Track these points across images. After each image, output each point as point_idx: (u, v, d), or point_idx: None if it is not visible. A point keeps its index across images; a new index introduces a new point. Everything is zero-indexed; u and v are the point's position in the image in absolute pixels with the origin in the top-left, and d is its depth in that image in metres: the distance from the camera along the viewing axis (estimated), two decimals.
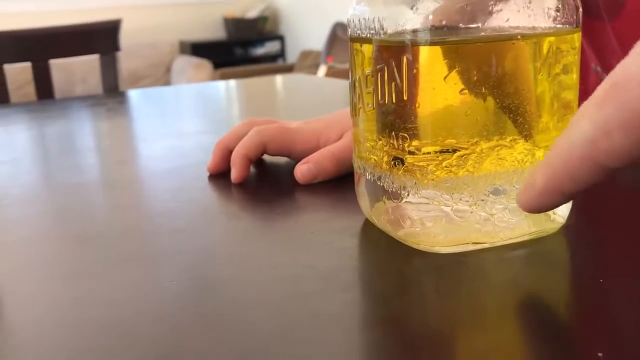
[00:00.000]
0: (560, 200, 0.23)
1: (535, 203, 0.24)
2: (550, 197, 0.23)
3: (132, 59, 3.46)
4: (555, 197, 0.23)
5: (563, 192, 0.22)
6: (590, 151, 0.20)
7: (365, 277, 0.31)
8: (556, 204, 0.24)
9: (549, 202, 0.23)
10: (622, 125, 0.19)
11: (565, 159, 0.21)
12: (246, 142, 0.46)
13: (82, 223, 0.40)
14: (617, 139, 0.19)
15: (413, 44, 0.28)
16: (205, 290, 0.29)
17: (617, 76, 0.19)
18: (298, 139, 0.47)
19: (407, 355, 0.23)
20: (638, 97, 0.18)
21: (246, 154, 0.46)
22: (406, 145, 0.30)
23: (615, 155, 0.20)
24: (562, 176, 0.22)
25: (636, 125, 0.19)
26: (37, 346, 0.25)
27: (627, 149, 0.19)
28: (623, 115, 0.19)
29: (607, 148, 0.20)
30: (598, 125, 0.20)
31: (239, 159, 0.46)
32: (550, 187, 0.23)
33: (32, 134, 0.75)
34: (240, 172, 0.45)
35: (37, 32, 1.18)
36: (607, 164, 0.20)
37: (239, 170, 0.45)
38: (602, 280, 0.28)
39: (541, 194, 0.23)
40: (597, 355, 0.22)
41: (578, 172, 0.21)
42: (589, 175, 0.21)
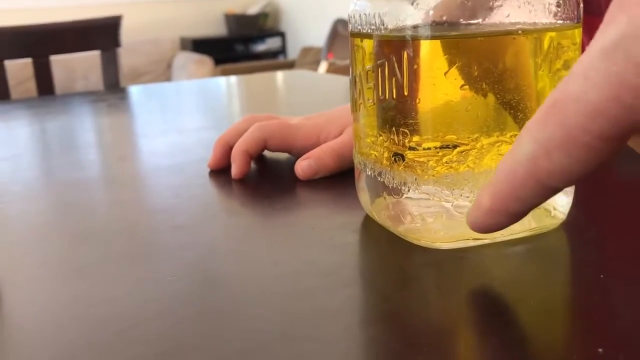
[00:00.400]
0: (507, 220, 0.23)
1: (482, 223, 0.23)
2: (497, 217, 0.22)
3: (133, 55, 3.46)
4: (502, 217, 0.22)
5: (509, 212, 0.22)
6: (533, 170, 0.20)
7: (365, 272, 0.31)
8: (503, 224, 0.23)
9: (495, 222, 0.23)
10: (562, 144, 0.19)
11: (509, 179, 0.21)
12: (246, 138, 0.46)
13: (83, 219, 0.40)
14: (557, 158, 0.19)
15: (414, 39, 0.28)
16: (206, 286, 0.29)
17: (557, 94, 0.19)
18: (299, 134, 0.47)
19: (408, 350, 0.23)
20: (575, 116, 0.18)
21: (246, 150, 0.46)
22: (407, 140, 0.30)
23: (556, 175, 0.20)
24: (506, 196, 0.21)
25: (574, 144, 0.19)
26: (38, 342, 0.25)
27: (567, 168, 0.19)
28: (562, 134, 0.19)
29: (549, 167, 0.20)
30: (539, 143, 0.20)
31: (239, 155, 0.46)
32: (496, 207, 0.22)
33: (32, 130, 0.75)
34: (241, 168, 0.45)
35: (38, 28, 1.18)
36: (549, 183, 0.20)
37: (239, 166, 0.45)
38: (602, 275, 0.28)
39: (487, 214, 0.22)
40: (597, 350, 0.22)
41: (522, 191, 0.21)
42: (533, 194, 0.21)
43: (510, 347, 0.23)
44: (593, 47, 0.18)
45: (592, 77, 0.18)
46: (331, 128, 0.47)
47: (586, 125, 0.18)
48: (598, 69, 0.18)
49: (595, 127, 0.18)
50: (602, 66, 0.17)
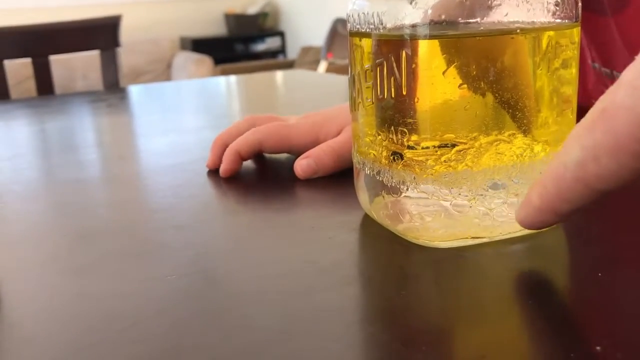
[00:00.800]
0: (555, 219, 0.24)
1: (531, 220, 0.24)
2: (546, 216, 0.24)
3: (133, 55, 3.46)
4: (550, 217, 0.24)
5: (557, 212, 0.23)
6: (581, 174, 0.21)
7: (364, 271, 0.31)
8: (552, 222, 0.24)
9: (544, 221, 0.24)
10: (610, 150, 0.20)
11: (557, 182, 0.22)
12: (240, 140, 0.47)
13: (83, 218, 0.40)
14: (605, 164, 0.20)
15: (412, 38, 0.28)
16: (206, 285, 0.29)
17: (606, 102, 0.20)
18: (297, 134, 0.48)
19: (407, 348, 0.23)
20: (624, 124, 0.19)
21: (238, 151, 0.46)
22: (405, 139, 0.30)
23: (604, 179, 0.21)
24: (555, 197, 0.23)
25: (623, 151, 0.20)
26: (39, 341, 0.25)
27: (615, 173, 0.20)
28: (611, 141, 0.20)
29: (597, 172, 0.21)
30: (587, 149, 0.21)
31: (230, 155, 0.46)
32: (545, 207, 0.23)
33: (32, 129, 0.75)
34: (228, 166, 0.46)
35: (37, 28, 1.18)
36: (597, 187, 0.21)
37: (228, 164, 0.46)
38: (600, 274, 0.28)
39: (537, 212, 0.24)
40: (595, 348, 0.22)
41: (570, 194, 0.22)
42: (581, 197, 0.22)
43: (509, 345, 0.23)
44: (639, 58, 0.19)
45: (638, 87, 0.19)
46: (330, 126, 0.47)
47: (635, 134, 0.19)
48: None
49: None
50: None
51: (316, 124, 0.48)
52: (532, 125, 0.30)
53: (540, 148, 0.30)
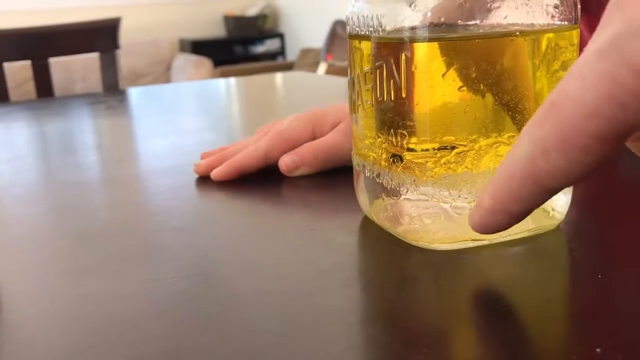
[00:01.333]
0: (509, 220, 0.22)
1: (484, 223, 0.23)
2: (499, 218, 0.22)
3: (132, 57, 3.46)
4: (504, 218, 0.22)
5: (510, 212, 0.22)
6: (531, 171, 0.20)
7: (364, 273, 0.31)
8: (505, 224, 0.23)
9: (498, 222, 0.23)
10: (559, 145, 0.19)
11: (508, 180, 0.21)
12: (246, 154, 0.46)
13: (83, 221, 0.40)
14: (554, 160, 0.19)
15: (411, 41, 0.28)
16: (206, 288, 0.29)
17: (555, 95, 0.19)
18: (292, 133, 0.47)
19: (408, 350, 0.23)
20: (572, 116, 0.18)
21: (241, 165, 0.46)
22: (405, 142, 0.30)
23: (554, 176, 0.20)
24: (506, 197, 0.21)
25: (571, 144, 0.19)
26: (38, 343, 0.25)
27: (565, 169, 0.19)
28: (558, 135, 0.19)
29: (546, 168, 0.19)
30: (536, 144, 0.19)
31: (231, 165, 0.45)
32: (497, 207, 0.22)
33: (32, 132, 0.75)
34: (225, 172, 0.45)
35: (36, 30, 1.18)
36: (547, 184, 0.20)
37: (225, 171, 0.45)
38: (600, 276, 0.28)
39: (489, 213, 0.22)
40: (595, 350, 0.22)
41: (521, 192, 0.21)
42: (533, 195, 0.21)
43: (509, 347, 0.23)
44: (590, 48, 0.18)
45: (587, 78, 0.18)
46: (324, 122, 0.48)
47: (582, 126, 0.18)
48: (594, 69, 0.18)
49: (591, 128, 0.18)
50: (598, 66, 0.17)
51: (310, 120, 0.48)
52: None
53: None
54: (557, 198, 0.32)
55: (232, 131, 0.70)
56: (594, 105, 0.18)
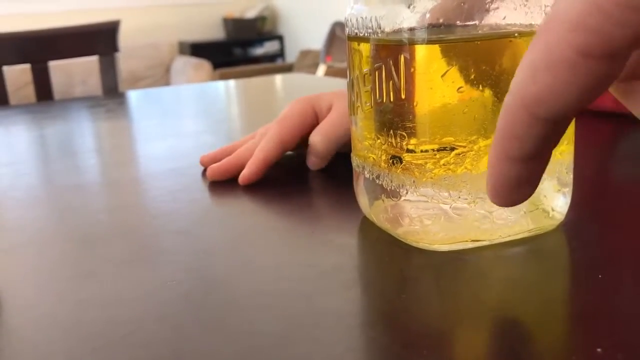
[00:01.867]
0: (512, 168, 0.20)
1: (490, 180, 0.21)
2: (501, 166, 0.20)
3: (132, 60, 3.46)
4: (506, 165, 0.20)
5: (510, 155, 0.20)
6: (520, 99, 0.19)
7: (365, 275, 0.31)
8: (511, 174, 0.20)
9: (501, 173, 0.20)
10: (546, 64, 0.18)
11: (502, 115, 0.20)
12: (264, 146, 0.47)
13: (83, 224, 0.40)
14: (541, 79, 0.18)
15: (410, 42, 0.28)
16: (206, 290, 0.29)
17: (546, 18, 0.18)
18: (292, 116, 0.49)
19: (408, 352, 0.23)
20: (558, 32, 0.17)
21: (266, 156, 0.46)
22: (404, 143, 0.30)
23: (543, 99, 0.18)
24: (503, 136, 0.20)
25: (557, 60, 0.17)
26: (39, 347, 0.25)
27: (552, 90, 0.18)
28: (546, 53, 0.18)
29: (535, 91, 0.18)
30: (527, 68, 0.18)
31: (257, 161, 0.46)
32: (498, 152, 0.20)
33: (31, 135, 0.75)
34: (254, 172, 0.45)
35: (36, 34, 1.18)
36: (537, 111, 0.19)
37: (253, 169, 0.45)
38: (600, 276, 0.28)
39: (492, 166, 0.20)
40: (596, 350, 0.22)
41: (515, 126, 0.19)
42: (527, 129, 0.19)
43: (510, 348, 0.23)
44: None
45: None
46: (321, 101, 0.49)
47: (568, 38, 0.17)
48: None
49: (577, 41, 0.17)
50: None
51: (308, 100, 0.50)
52: None
53: None
54: (556, 199, 0.32)
55: (232, 133, 0.70)
56: (580, 16, 0.17)
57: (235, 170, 0.46)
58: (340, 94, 0.49)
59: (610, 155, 0.50)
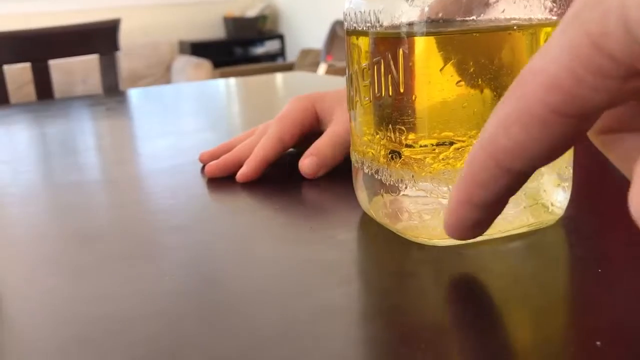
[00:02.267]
0: (472, 213, 0.20)
1: (448, 218, 0.21)
2: (463, 210, 0.20)
3: (132, 59, 3.46)
4: (467, 209, 0.20)
5: (473, 201, 0.20)
6: (491, 150, 0.19)
7: (364, 270, 0.31)
8: (469, 218, 0.21)
9: (460, 216, 0.21)
10: (519, 118, 0.18)
11: (469, 163, 0.20)
12: (264, 144, 0.46)
13: (83, 221, 0.40)
14: (514, 134, 0.18)
15: (409, 36, 0.28)
16: (205, 286, 0.29)
17: (522, 72, 0.18)
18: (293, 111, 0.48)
19: (407, 346, 0.23)
20: (534, 87, 0.17)
21: (265, 156, 0.45)
22: (403, 138, 0.30)
23: (513, 154, 0.18)
24: (468, 183, 0.20)
25: (531, 118, 0.17)
26: (37, 341, 0.25)
27: (524, 145, 0.18)
28: (520, 108, 0.18)
29: (505, 144, 0.18)
30: (499, 121, 0.18)
31: (256, 159, 0.45)
32: (461, 197, 0.20)
33: (32, 133, 0.75)
34: (252, 170, 0.45)
35: (36, 33, 1.18)
36: (506, 164, 0.19)
37: (252, 167, 0.45)
38: (600, 270, 0.28)
39: (454, 207, 0.21)
40: (595, 344, 0.22)
41: (482, 174, 0.19)
42: (493, 179, 0.19)
43: (509, 341, 0.23)
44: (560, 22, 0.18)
45: (551, 49, 0.17)
46: (324, 99, 0.48)
47: (542, 97, 0.17)
48: (557, 41, 0.17)
49: (551, 100, 0.17)
50: (561, 38, 0.17)
51: (309, 98, 0.49)
52: None
53: None
54: (556, 193, 0.32)
55: (232, 131, 0.70)
56: (555, 77, 0.17)
57: (233, 167, 0.46)
58: (342, 97, 0.47)
59: None
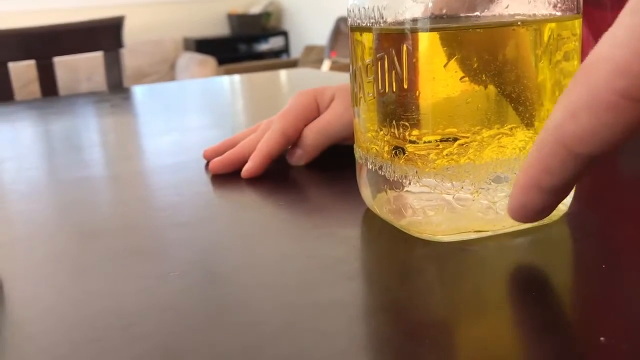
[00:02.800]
0: (541, 197, 0.21)
1: (515, 202, 0.22)
2: (530, 194, 0.21)
3: (137, 56, 3.47)
4: (534, 193, 0.21)
5: (541, 186, 0.21)
6: (559, 136, 0.19)
7: (368, 266, 0.31)
8: (538, 202, 0.22)
9: (530, 201, 0.22)
10: (588, 105, 0.18)
11: (538, 150, 0.20)
12: (268, 140, 0.46)
13: (88, 217, 0.40)
14: (583, 120, 0.19)
15: (413, 32, 0.28)
16: (210, 282, 0.29)
17: (588, 60, 0.19)
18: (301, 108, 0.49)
19: (411, 342, 0.23)
20: (602, 75, 0.18)
21: (269, 151, 0.45)
22: (407, 134, 0.30)
23: (582, 138, 0.19)
24: (536, 168, 0.21)
25: (599, 103, 0.18)
26: (42, 338, 0.25)
27: (593, 131, 0.19)
28: (589, 95, 0.18)
29: (574, 130, 0.19)
30: (567, 107, 0.19)
31: (260, 154, 0.45)
32: (528, 182, 0.21)
33: (37, 130, 0.76)
34: (256, 166, 0.45)
35: (41, 30, 1.19)
36: (575, 148, 0.19)
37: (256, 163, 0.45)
38: (604, 266, 0.28)
39: (520, 192, 0.22)
40: (599, 339, 0.22)
41: (550, 160, 0.20)
42: (563, 164, 0.20)
43: (512, 338, 0.23)
44: (624, 8, 0.18)
45: (618, 35, 0.17)
46: (324, 94, 0.49)
47: (611, 83, 0.18)
48: (625, 26, 0.17)
49: (621, 85, 0.17)
50: (629, 22, 0.17)
51: (312, 93, 0.50)
52: (534, 118, 0.30)
53: None
54: None
55: (236, 128, 0.70)
56: (624, 61, 0.17)
57: (238, 163, 0.46)
58: (343, 88, 0.48)
59: None
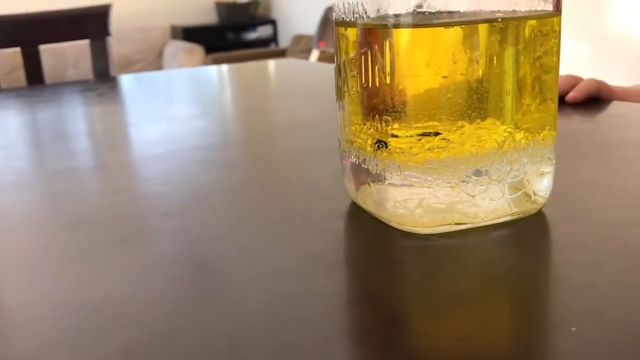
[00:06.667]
0: None
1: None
2: None
3: (124, 44, 3.44)
4: None
5: None
6: None
7: (350, 257, 0.32)
8: None
9: None
10: None
11: None
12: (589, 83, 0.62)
13: (75, 207, 0.40)
14: None
15: (395, 27, 0.29)
16: (196, 272, 0.29)
17: None
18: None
19: (391, 329, 0.24)
20: None
21: (589, 89, 0.62)
22: (389, 128, 0.30)
23: None
24: None
25: None
26: (32, 328, 0.25)
27: None
28: None
29: None
30: None
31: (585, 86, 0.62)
32: None
33: (23, 119, 0.75)
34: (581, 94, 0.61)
35: (26, 17, 1.18)
36: None
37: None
38: (579, 258, 0.29)
39: None
40: (570, 329, 0.23)
41: None
42: None
43: (489, 327, 0.24)
44: None
45: None
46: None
47: None
48: None
49: None
50: None
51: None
52: (514, 113, 0.31)
53: (522, 135, 0.31)
54: (539, 182, 0.33)
55: (224, 118, 0.71)
56: None
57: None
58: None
59: (590, 141, 0.50)
